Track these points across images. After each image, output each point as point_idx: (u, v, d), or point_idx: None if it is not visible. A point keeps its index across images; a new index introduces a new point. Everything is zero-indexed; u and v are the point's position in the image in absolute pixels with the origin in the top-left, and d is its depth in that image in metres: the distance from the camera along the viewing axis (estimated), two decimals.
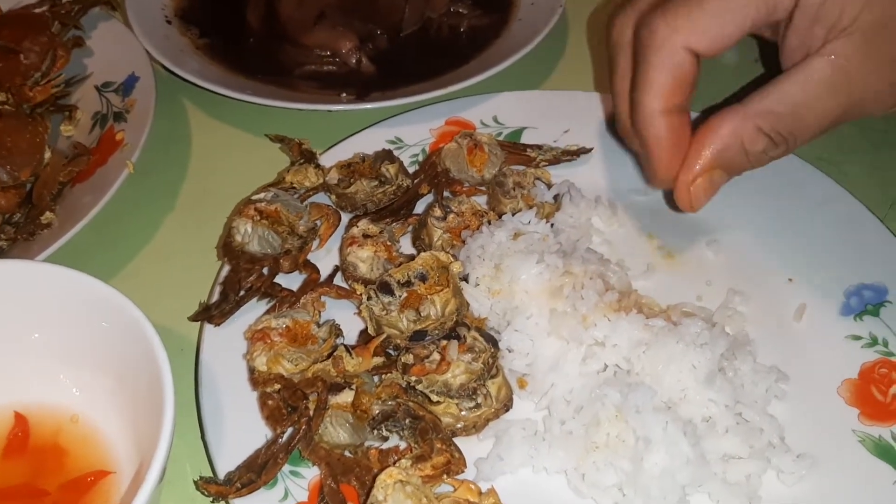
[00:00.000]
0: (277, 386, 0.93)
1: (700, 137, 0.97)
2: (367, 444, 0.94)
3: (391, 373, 0.98)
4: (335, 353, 0.95)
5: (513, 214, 1.12)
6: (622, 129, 1.10)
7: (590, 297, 0.99)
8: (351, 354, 0.95)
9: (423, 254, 1.05)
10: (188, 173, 1.33)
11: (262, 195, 1.12)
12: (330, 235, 1.14)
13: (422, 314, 1.00)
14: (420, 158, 1.26)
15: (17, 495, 0.91)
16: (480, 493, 0.89)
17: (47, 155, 1.18)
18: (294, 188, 1.15)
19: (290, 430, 0.91)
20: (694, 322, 0.98)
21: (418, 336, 0.99)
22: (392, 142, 1.28)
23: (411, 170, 1.23)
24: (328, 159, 1.23)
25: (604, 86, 1.35)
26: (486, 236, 1.06)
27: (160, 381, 0.82)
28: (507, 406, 0.97)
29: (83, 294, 0.90)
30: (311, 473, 0.92)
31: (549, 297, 0.99)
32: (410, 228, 1.17)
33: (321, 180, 1.16)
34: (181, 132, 1.39)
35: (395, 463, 0.90)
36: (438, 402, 0.94)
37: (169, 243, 1.23)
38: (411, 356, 0.98)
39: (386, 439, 0.95)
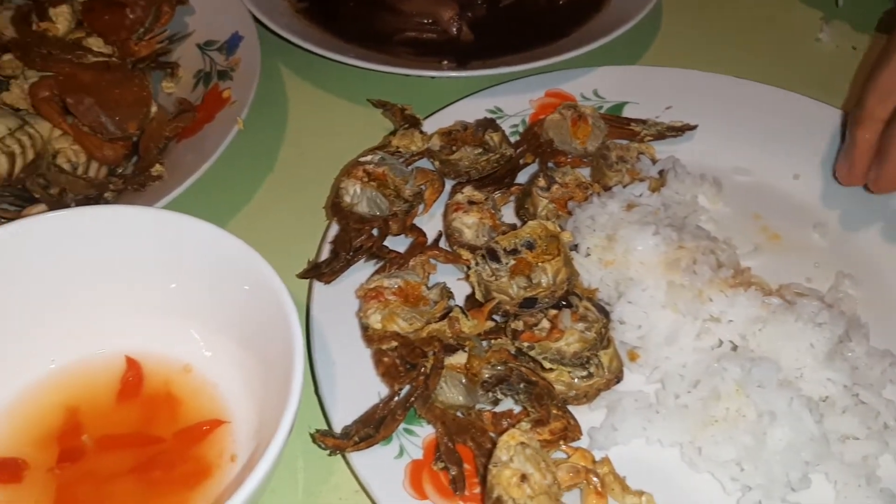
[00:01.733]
0: (394, 343, 0.93)
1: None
2: (477, 406, 0.94)
3: (500, 338, 0.98)
4: (450, 314, 0.95)
5: (623, 187, 1.11)
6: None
7: (704, 272, 0.98)
8: (467, 316, 0.95)
9: (530, 222, 1.04)
10: (285, 136, 1.33)
11: (369, 157, 1.12)
12: (434, 201, 1.13)
13: (532, 281, 0.99)
14: (520, 129, 1.25)
15: (132, 442, 0.91)
16: (594, 462, 0.88)
17: (153, 109, 1.18)
18: (399, 152, 1.15)
19: (406, 387, 0.91)
20: (810, 301, 0.97)
21: (528, 303, 0.98)
22: (492, 111, 1.27)
23: (512, 140, 1.22)
24: (429, 126, 1.22)
25: (706, 64, 1.34)
26: (597, 207, 1.05)
27: (290, 344, 0.81)
28: (618, 378, 0.96)
29: (228, 253, 0.89)
30: (424, 432, 0.92)
31: (665, 270, 0.98)
32: (512, 198, 1.16)
33: (426, 146, 1.16)
34: (277, 95, 1.39)
35: (509, 426, 0.90)
36: (551, 370, 0.94)
37: (269, 203, 1.23)
38: (521, 323, 0.97)
39: (497, 403, 0.94)
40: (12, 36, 1.22)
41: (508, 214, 1.15)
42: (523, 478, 0.79)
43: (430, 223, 1.14)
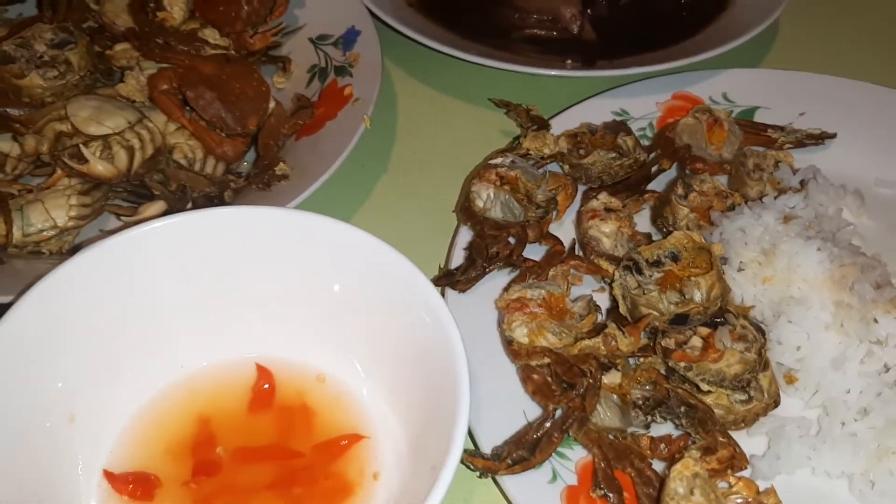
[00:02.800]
0: (546, 360, 0.87)
1: None
2: (629, 430, 0.88)
3: (649, 356, 0.92)
4: (606, 331, 0.89)
5: (760, 198, 1.05)
6: None
7: (865, 292, 0.92)
8: (623, 333, 0.89)
9: (675, 232, 0.99)
10: (397, 135, 1.28)
11: (499, 160, 1.07)
12: (567, 207, 1.08)
13: (685, 296, 0.93)
14: (647, 133, 1.20)
15: (270, 455, 0.87)
16: (758, 492, 0.83)
17: (272, 104, 1.14)
18: (530, 155, 1.10)
19: (560, 407, 0.86)
20: None
21: (680, 319, 0.93)
22: (617, 113, 1.21)
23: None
24: (553, 128, 1.17)
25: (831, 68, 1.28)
26: (749, 218, 0.99)
27: (454, 363, 0.76)
28: (776, 402, 0.91)
29: (383, 265, 0.85)
30: (576, 455, 0.87)
31: (832, 289, 0.91)
32: (645, 206, 1.11)
33: (559, 149, 1.10)
34: (386, 93, 1.34)
35: (669, 454, 0.85)
36: (708, 392, 0.88)
37: (385, 205, 1.19)
38: (672, 340, 0.91)
39: (649, 427, 0.89)
40: (127, 25, 1.18)
41: (641, 223, 1.09)
42: None
43: (559, 231, 1.08)
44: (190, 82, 1.09)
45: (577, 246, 1.06)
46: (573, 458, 0.86)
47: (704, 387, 0.88)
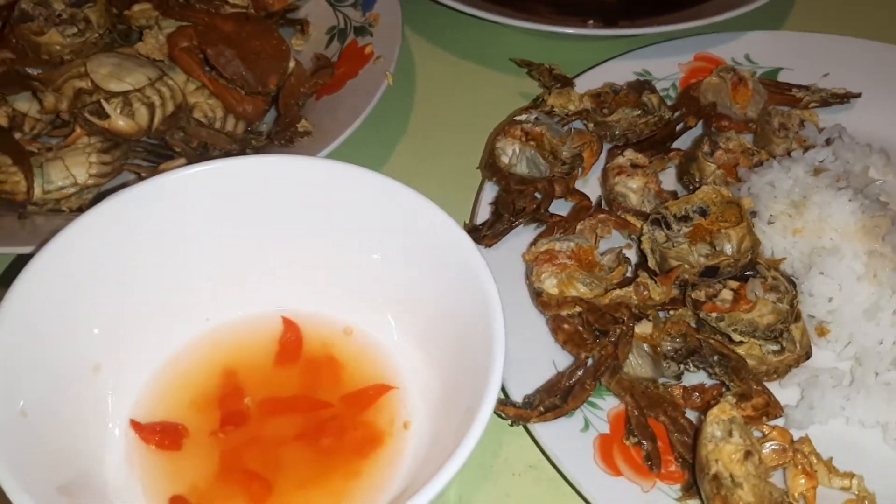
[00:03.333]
0: (577, 309, 0.86)
1: None
2: (660, 380, 0.88)
3: (679, 308, 0.91)
4: (638, 280, 0.88)
5: (789, 154, 1.04)
6: None
7: None
8: (656, 282, 0.88)
9: (703, 187, 0.98)
10: (415, 99, 1.27)
11: (524, 116, 1.06)
12: (593, 164, 1.07)
13: (716, 249, 0.92)
14: (671, 93, 1.19)
15: (297, 406, 0.86)
16: (793, 441, 0.82)
17: (291, 64, 1.12)
18: (555, 112, 1.09)
19: (592, 356, 0.85)
20: None
21: (710, 272, 0.92)
22: (640, 74, 1.20)
23: None
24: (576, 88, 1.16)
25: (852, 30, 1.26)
26: (778, 172, 0.98)
27: (487, 313, 0.75)
28: (807, 353, 0.90)
29: (422, 219, 0.84)
30: (607, 405, 0.86)
31: (864, 238, 0.90)
32: (671, 164, 1.10)
33: (583, 106, 1.09)
34: (405, 58, 1.33)
35: (702, 402, 0.84)
36: (741, 342, 0.87)
37: (406, 166, 1.17)
38: (702, 293, 0.90)
39: (680, 377, 0.88)
40: None
41: (666, 181, 1.08)
42: (747, 454, 0.73)
43: (585, 189, 1.07)
44: (210, 40, 1.08)
45: (603, 203, 1.05)
46: (605, 408, 0.85)
47: (736, 337, 0.87)
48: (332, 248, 0.89)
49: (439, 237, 0.82)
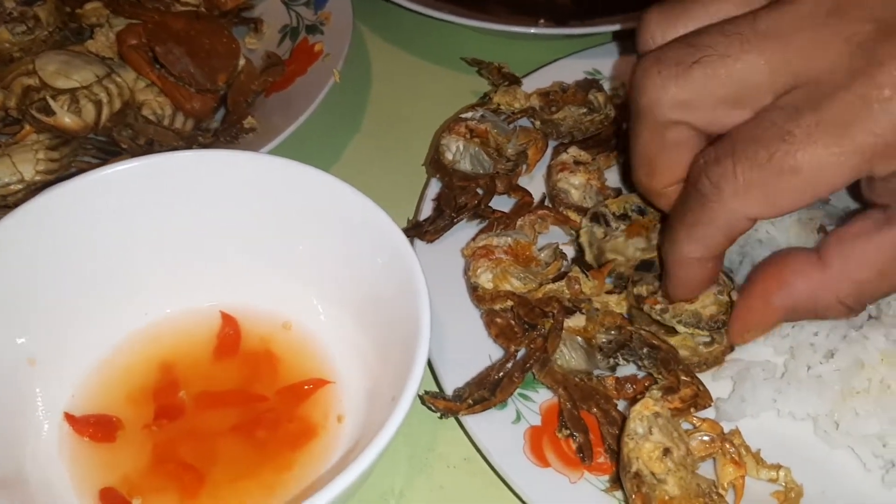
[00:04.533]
0: (509, 303, 0.87)
1: (768, 286, 0.80)
2: (595, 373, 0.88)
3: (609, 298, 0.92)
4: (570, 274, 0.89)
5: None
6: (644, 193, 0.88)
7: None
8: (587, 276, 0.89)
9: None
10: (370, 97, 1.28)
11: (470, 114, 1.07)
12: (538, 161, 1.07)
13: (652, 243, 0.93)
14: (620, 92, 1.19)
15: (233, 399, 0.86)
16: (723, 432, 0.83)
17: (241, 62, 1.13)
18: (501, 110, 1.10)
19: (523, 349, 0.86)
20: None
21: (645, 266, 0.92)
22: (589, 73, 1.21)
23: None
24: (524, 87, 1.17)
25: None
26: None
27: (416, 307, 0.75)
28: (732, 345, 0.90)
29: (349, 209, 0.85)
30: (540, 398, 0.86)
31: (800, 231, 0.91)
32: (614, 163, 1.11)
33: (529, 104, 1.10)
34: (359, 53, 1.34)
35: (634, 393, 0.85)
36: (673, 333, 0.88)
37: (358, 163, 1.18)
38: (644, 288, 0.91)
39: (615, 369, 0.89)
40: None
41: (611, 179, 1.09)
42: (666, 452, 0.73)
43: (530, 186, 1.08)
44: (159, 38, 1.09)
45: (546, 200, 1.05)
46: (537, 401, 0.86)
47: (681, 329, 0.87)
48: (269, 243, 0.89)
49: (370, 227, 0.83)
